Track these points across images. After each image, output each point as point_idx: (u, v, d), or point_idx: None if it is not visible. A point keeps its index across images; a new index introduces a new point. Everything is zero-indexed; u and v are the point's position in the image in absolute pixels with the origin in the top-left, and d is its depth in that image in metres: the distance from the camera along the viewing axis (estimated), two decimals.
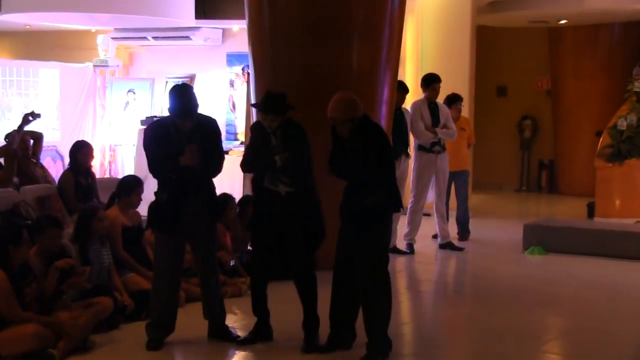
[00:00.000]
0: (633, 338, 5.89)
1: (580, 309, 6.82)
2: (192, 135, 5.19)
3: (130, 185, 6.53)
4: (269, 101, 5.34)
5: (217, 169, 5.39)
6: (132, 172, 10.27)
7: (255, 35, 7.89)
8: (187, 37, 13.01)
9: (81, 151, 7.75)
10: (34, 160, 8.12)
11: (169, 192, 5.23)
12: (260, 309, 5.49)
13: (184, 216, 5.25)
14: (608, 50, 14.58)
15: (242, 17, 8.24)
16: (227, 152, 11.67)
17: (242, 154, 10.63)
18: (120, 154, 13.49)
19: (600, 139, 11.65)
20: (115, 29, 13.56)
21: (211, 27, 13.10)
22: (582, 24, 14.19)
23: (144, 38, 13.38)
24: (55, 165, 11.84)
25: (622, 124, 10.91)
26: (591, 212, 11.61)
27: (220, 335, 5.50)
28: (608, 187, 11.28)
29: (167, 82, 13.16)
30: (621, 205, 11.15)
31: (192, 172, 5.19)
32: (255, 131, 5.51)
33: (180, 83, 5.94)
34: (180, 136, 5.19)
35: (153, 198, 5.37)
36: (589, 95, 14.64)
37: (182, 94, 5.21)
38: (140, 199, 6.51)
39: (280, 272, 5.67)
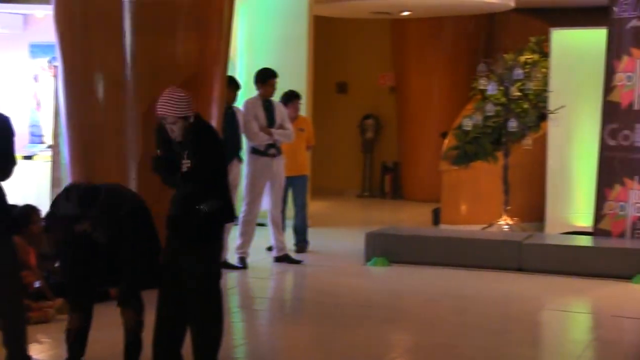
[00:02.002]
0: (482, 354, 6.16)
1: (426, 323, 7.07)
2: None
3: None
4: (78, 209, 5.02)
5: (8, 173, 5.21)
6: None
7: (64, 22, 7.70)
8: None
9: None
10: None
11: None
12: (79, 343, 5.32)
13: None
14: (453, 45, 15.15)
15: (47, 1, 8.01)
16: (31, 157, 11.36)
17: (49, 159, 10.39)
18: None
19: (446, 140, 12.12)
20: None
21: (10, 13, 12.62)
22: (426, 16, 14.69)
23: None
24: None
25: (468, 124, 11.27)
26: (437, 218, 12.02)
27: None
28: (454, 192, 11.73)
29: None
30: (468, 211, 11.63)
31: None
32: None
33: None
34: None
35: None
36: (433, 93, 15.19)
37: None
38: None
39: (100, 292, 5.56)
